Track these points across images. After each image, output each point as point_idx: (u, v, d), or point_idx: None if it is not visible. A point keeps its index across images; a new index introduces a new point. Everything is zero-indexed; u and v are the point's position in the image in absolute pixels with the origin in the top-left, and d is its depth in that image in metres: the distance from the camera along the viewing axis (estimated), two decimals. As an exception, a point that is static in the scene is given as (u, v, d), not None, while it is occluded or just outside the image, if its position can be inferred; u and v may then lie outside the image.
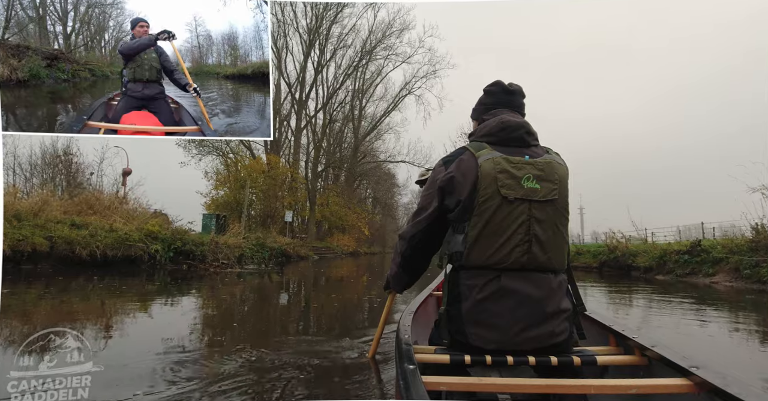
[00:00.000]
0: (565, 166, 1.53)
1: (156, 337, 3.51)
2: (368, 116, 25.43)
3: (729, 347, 3.63)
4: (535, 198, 1.43)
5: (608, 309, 5.84)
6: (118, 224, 10.90)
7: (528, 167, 1.45)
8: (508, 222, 1.41)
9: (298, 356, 2.88)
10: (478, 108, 1.69)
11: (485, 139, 1.54)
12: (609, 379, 1.41)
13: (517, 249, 1.41)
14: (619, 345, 1.65)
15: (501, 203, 1.41)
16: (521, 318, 1.39)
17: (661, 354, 1.39)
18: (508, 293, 1.40)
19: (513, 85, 1.67)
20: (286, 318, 5.02)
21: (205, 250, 11.55)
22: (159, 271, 10.32)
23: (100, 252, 9.77)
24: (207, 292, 7.24)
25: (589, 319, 1.81)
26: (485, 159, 1.46)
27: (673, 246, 12.31)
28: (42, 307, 4.99)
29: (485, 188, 1.42)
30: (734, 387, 1.12)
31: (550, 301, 1.41)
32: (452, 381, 1.32)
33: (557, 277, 1.46)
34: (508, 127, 1.53)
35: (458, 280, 1.47)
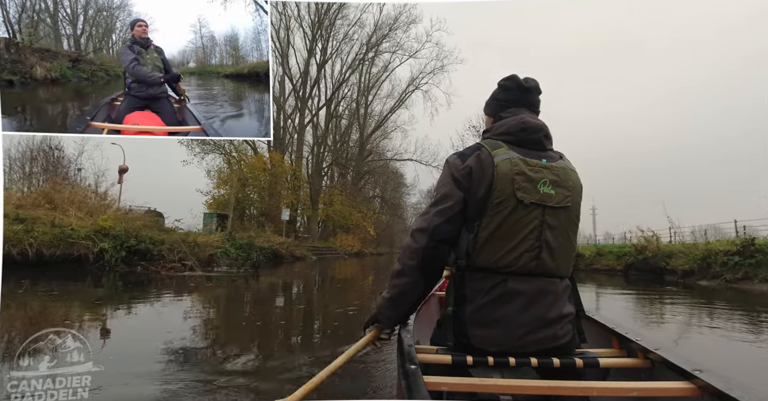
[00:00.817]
0: (577, 173, 1.50)
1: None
2: (375, 114, 24.94)
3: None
4: (550, 204, 1.39)
5: (641, 323, 4.56)
6: (72, 218, 9.49)
7: (545, 171, 1.41)
8: (520, 226, 1.38)
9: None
10: (493, 103, 1.62)
11: (502, 137, 1.49)
12: (611, 382, 1.40)
13: (527, 254, 1.38)
14: (622, 348, 1.63)
15: (516, 206, 1.37)
16: (526, 321, 1.38)
17: (664, 357, 1.37)
18: (513, 296, 1.38)
19: (530, 81, 1.59)
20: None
21: (164, 250, 9.93)
22: (109, 273, 8.82)
23: (34, 251, 8.33)
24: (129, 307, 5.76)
25: (592, 321, 1.80)
26: (502, 159, 1.41)
27: (716, 246, 10.42)
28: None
29: (501, 189, 1.37)
30: (737, 390, 1.10)
31: (555, 305, 1.40)
32: (454, 381, 1.31)
33: (563, 282, 1.45)
34: (528, 128, 1.48)
35: (464, 281, 1.44)
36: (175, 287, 7.64)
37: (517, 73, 1.62)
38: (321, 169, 23.71)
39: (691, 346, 3.65)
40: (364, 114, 24.61)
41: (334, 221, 23.72)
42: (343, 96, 23.94)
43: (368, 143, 25.01)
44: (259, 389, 2.49)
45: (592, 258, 14.77)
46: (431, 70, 23.36)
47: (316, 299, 7.34)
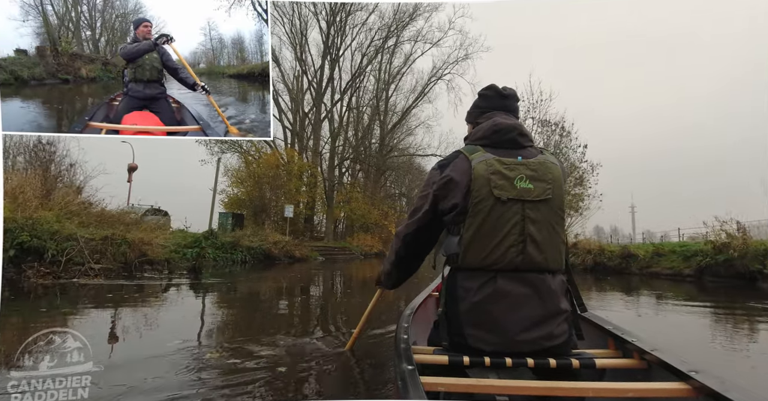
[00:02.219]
0: (560, 166, 1.54)
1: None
2: (397, 109, 23.67)
3: None
4: (529, 198, 1.44)
5: (723, 357, 3.10)
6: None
7: (521, 167, 1.47)
8: (501, 223, 1.42)
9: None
10: (473, 111, 1.72)
11: (479, 142, 1.57)
12: (607, 382, 1.41)
13: (512, 250, 1.41)
14: (618, 349, 1.64)
15: (494, 204, 1.43)
16: (519, 319, 1.39)
17: (660, 358, 1.38)
18: (504, 294, 1.40)
19: (507, 89, 1.69)
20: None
21: (69, 247, 7.43)
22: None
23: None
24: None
25: (589, 322, 1.81)
26: (478, 161, 1.48)
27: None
28: None
29: (478, 190, 1.44)
30: (733, 392, 1.11)
31: (548, 302, 1.41)
32: (450, 381, 1.32)
33: (555, 277, 1.46)
34: (500, 129, 1.55)
35: (455, 282, 1.48)
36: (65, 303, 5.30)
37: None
38: (334, 164, 22.53)
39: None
40: (385, 109, 23.58)
41: (351, 220, 22.90)
42: (361, 87, 22.62)
43: (390, 139, 23.92)
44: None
45: (649, 259, 11.72)
46: (455, 60, 22.23)
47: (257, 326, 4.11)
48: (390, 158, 24.18)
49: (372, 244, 21.87)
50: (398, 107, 23.97)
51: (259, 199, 19.00)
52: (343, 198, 22.49)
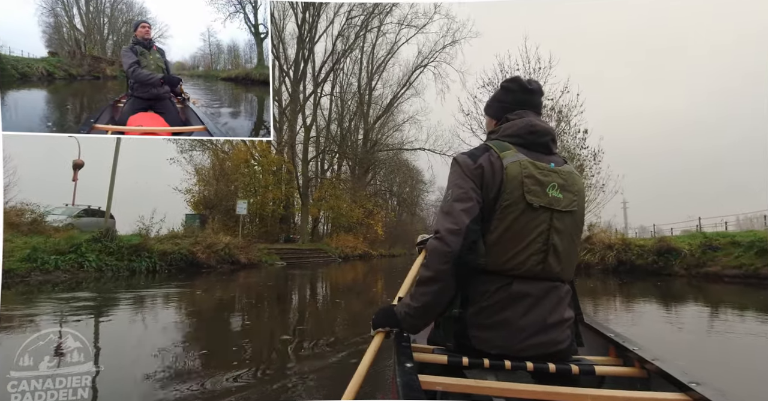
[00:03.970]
0: (581, 178, 1.51)
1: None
2: (384, 102, 21.71)
3: None
4: (558, 208, 1.39)
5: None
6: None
7: (553, 175, 1.41)
8: (528, 230, 1.37)
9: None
10: (496, 105, 1.60)
11: (510, 139, 1.47)
12: (606, 390, 1.39)
13: (534, 258, 1.37)
14: (619, 356, 1.62)
15: (524, 210, 1.36)
16: (527, 324, 1.37)
17: (661, 368, 1.36)
18: (517, 299, 1.38)
19: (533, 83, 1.58)
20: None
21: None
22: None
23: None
24: None
25: (591, 329, 1.79)
26: (511, 161, 1.39)
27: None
28: None
29: (510, 192, 1.36)
30: None
31: (557, 310, 1.40)
32: (449, 381, 1.31)
33: (564, 286, 1.45)
34: (537, 131, 1.47)
35: (468, 283, 1.43)
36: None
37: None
38: (308, 158, 19.99)
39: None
40: (368, 100, 21.28)
41: (331, 219, 20.59)
42: (341, 74, 20.43)
43: (375, 134, 21.77)
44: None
45: (700, 256, 9.08)
46: (442, 47, 20.39)
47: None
48: (374, 152, 21.86)
49: (355, 245, 19.28)
50: (384, 100, 21.92)
51: (214, 194, 17.18)
52: (321, 195, 19.98)
